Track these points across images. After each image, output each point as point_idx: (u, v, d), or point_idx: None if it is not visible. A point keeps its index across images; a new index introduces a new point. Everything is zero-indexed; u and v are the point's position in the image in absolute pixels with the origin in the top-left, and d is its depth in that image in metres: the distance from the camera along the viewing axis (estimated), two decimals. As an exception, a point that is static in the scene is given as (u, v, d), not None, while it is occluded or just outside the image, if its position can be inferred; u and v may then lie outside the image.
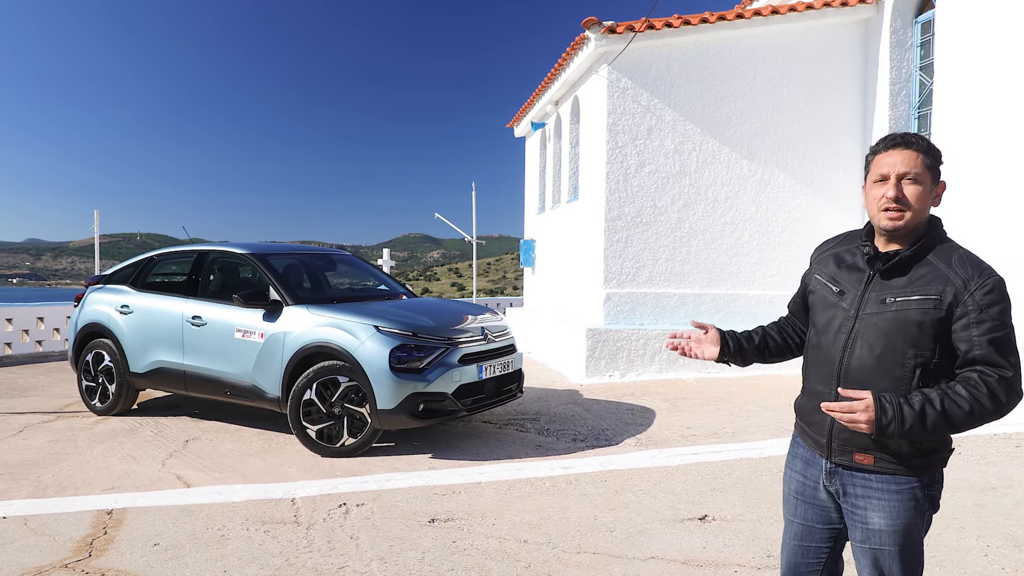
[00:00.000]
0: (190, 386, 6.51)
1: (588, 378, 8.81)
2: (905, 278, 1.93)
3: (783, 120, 9.45)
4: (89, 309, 7.25)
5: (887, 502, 1.94)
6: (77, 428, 6.61)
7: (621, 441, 6.08)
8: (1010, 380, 1.81)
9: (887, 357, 1.90)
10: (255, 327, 6.04)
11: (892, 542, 1.95)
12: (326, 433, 5.65)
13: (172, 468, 5.36)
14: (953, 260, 1.90)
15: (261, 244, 7.02)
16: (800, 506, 2.19)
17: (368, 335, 5.53)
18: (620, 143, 9.12)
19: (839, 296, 2.05)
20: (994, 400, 1.79)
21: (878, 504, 1.95)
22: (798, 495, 2.19)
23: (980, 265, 1.89)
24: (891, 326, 1.90)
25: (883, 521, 1.95)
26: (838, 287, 2.07)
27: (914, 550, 1.98)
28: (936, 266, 1.90)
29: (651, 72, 9.14)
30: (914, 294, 1.89)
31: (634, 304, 9.18)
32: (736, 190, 9.39)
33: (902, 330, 1.88)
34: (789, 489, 2.24)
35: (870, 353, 1.93)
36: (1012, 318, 1.85)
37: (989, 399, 1.79)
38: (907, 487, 1.94)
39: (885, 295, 1.93)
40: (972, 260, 1.91)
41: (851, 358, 1.97)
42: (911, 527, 1.95)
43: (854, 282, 2.03)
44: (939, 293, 1.85)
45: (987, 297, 1.82)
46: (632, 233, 9.20)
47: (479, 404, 5.84)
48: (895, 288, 1.93)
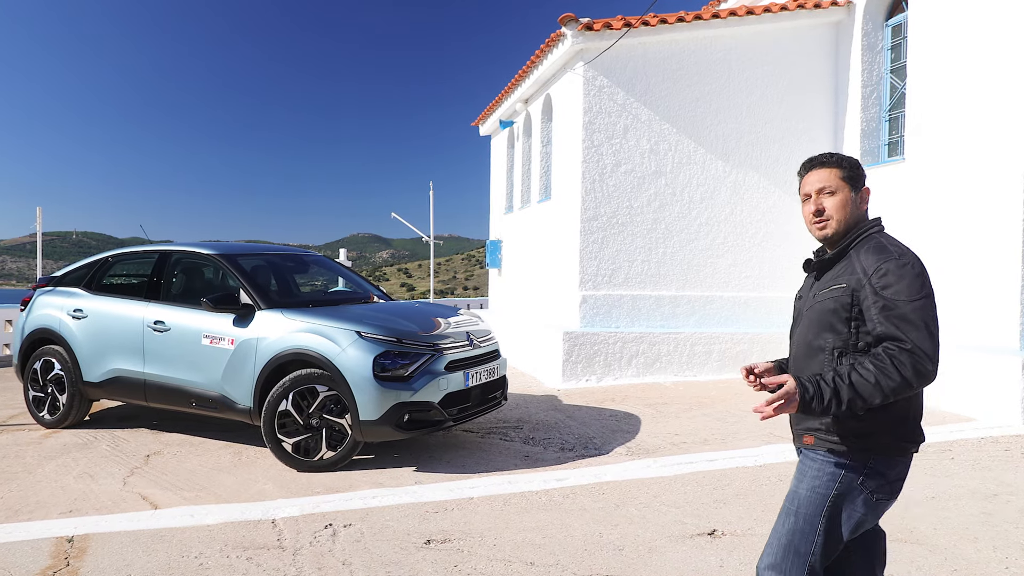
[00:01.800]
0: (151, 396, 6.08)
1: (565, 382, 8.61)
2: (828, 275, 2.23)
3: (757, 121, 9.42)
4: (38, 313, 6.73)
5: (806, 469, 2.20)
6: (24, 443, 6.11)
7: (611, 450, 5.89)
8: (911, 351, 1.96)
9: (814, 343, 2.19)
10: (224, 333, 5.65)
11: (791, 501, 2.20)
12: (303, 446, 5.31)
13: (135, 487, 4.95)
14: (862, 251, 2.14)
15: (228, 244, 6.61)
16: None
17: (349, 341, 5.22)
18: (596, 142, 8.95)
19: (799, 300, 2.39)
20: (898, 372, 1.95)
21: (806, 473, 2.20)
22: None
23: (883, 251, 2.10)
24: (816, 316, 2.20)
25: (803, 487, 2.19)
26: (799, 294, 2.41)
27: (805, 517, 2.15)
28: (851, 260, 2.16)
29: (627, 71, 8.99)
30: (830, 286, 2.17)
31: (610, 306, 9.02)
32: (711, 191, 9.32)
33: (821, 318, 2.17)
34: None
35: (804, 341, 2.25)
36: (920, 295, 2.01)
37: (894, 370, 1.95)
38: (822, 462, 2.16)
39: (816, 291, 2.24)
40: (877, 247, 2.12)
41: (795, 348, 2.32)
42: (808, 497, 2.15)
43: (807, 286, 2.36)
44: (847, 282, 2.12)
45: (882, 280, 2.03)
46: (608, 234, 9.04)
47: (465, 413, 5.57)
48: (823, 284, 2.23)
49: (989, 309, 7.15)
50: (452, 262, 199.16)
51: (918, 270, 2.05)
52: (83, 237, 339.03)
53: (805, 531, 2.15)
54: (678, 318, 9.20)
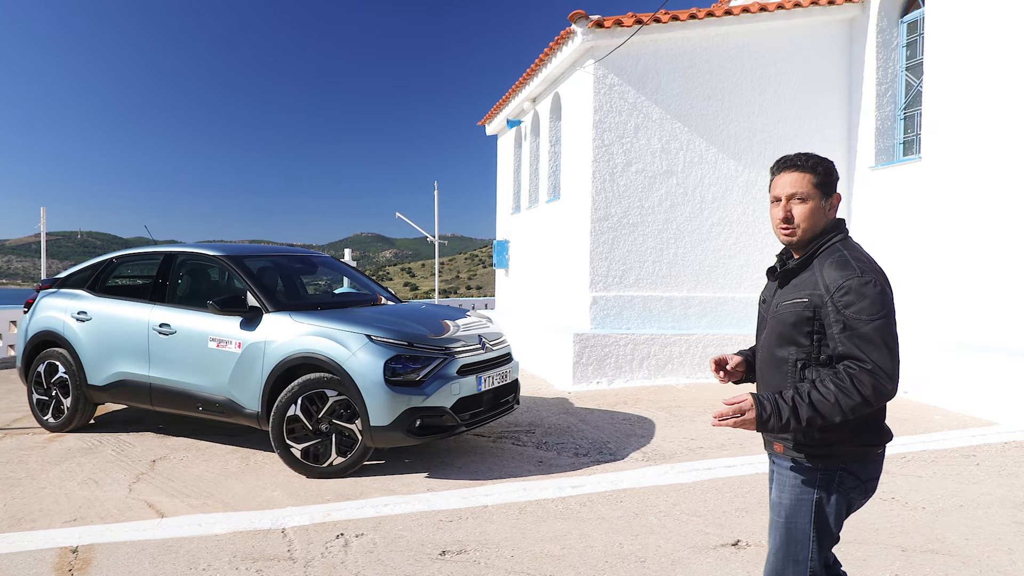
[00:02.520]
0: (157, 400, 5.96)
1: (575, 385, 8.49)
2: (791, 284, 2.20)
3: (769, 119, 9.28)
4: (41, 315, 6.62)
5: (784, 479, 2.22)
6: (28, 447, 6.00)
7: (626, 455, 5.76)
8: (871, 371, 1.96)
9: (776, 354, 2.19)
10: (231, 336, 5.53)
11: (778, 513, 2.22)
12: (312, 452, 5.19)
13: (141, 494, 4.84)
14: (826, 264, 2.11)
15: (235, 245, 6.50)
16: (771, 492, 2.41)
17: (360, 345, 5.09)
18: (606, 141, 8.82)
19: (763, 304, 2.37)
20: (858, 391, 1.96)
21: (779, 481, 2.24)
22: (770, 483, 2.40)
23: (845, 266, 2.07)
24: (777, 327, 2.18)
25: (775, 494, 2.25)
26: (764, 296, 2.38)
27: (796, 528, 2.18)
28: (813, 272, 2.13)
29: (638, 68, 8.86)
30: (791, 298, 2.15)
31: (621, 308, 8.89)
32: (723, 190, 9.18)
33: (783, 330, 2.16)
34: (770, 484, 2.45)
35: (768, 351, 2.24)
36: (880, 315, 1.99)
37: (854, 390, 1.96)
38: (800, 469, 2.17)
39: (779, 300, 2.21)
40: (841, 261, 2.09)
41: (762, 355, 2.30)
42: (795, 505, 2.17)
43: (771, 291, 2.32)
44: (808, 296, 2.10)
45: (844, 298, 2.01)
46: (619, 234, 8.91)
47: (478, 418, 5.45)
48: (785, 293, 2.20)
49: (1010, 310, 7.01)
50: (455, 262, 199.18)
51: (879, 288, 2.03)
52: (88, 237, 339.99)
53: (798, 539, 2.18)
54: (690, 319, 9.06)
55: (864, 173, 9.19)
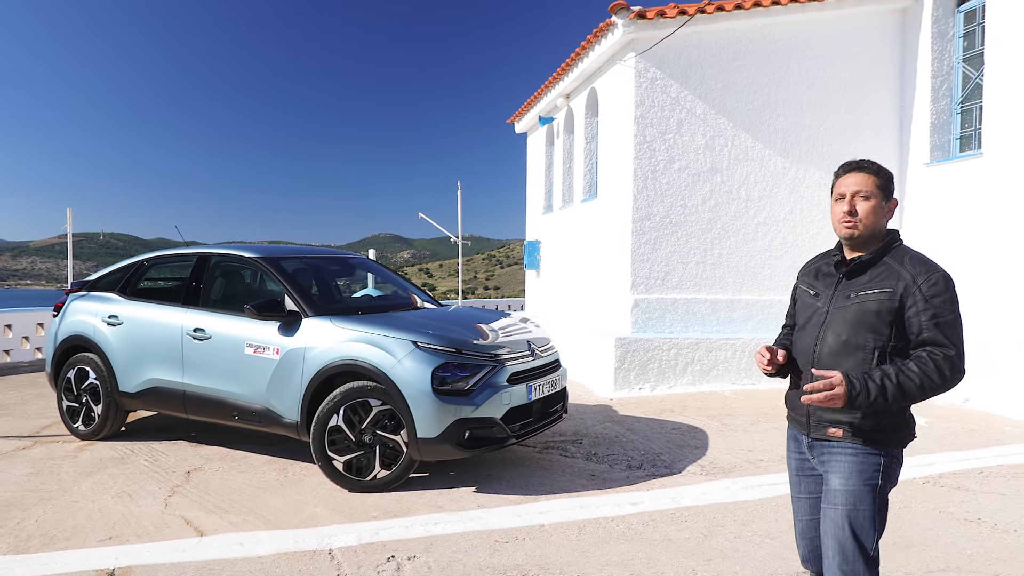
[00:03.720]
0: (191, 408, 5.73)
1: (617, 391, 8.17)
2: (865, 276, 2.32)
3: (818, 115, 8.90)
4: (71, 320, 6.42)
5: (844, 465, 2.27)
6: (59, 456, 5.80)
7: (683, 468, 5.44)
8: (952, 358, 2.15)
9: (851, 342, 2.27)
10: (269, 342, 5.29)
11: (844, 501, 2.25)
12: (355, 464, 4.92)
13: (177, 508, 4.60)
14: (905, 260, 2.27)
15: (271, 247, 6.26)
16: (803, 481, 2.52)
17: (405, 352, 4.82)
18: (648, 137, 8.50)
19: (815, 298, 2.45)
20: (940, 374, 2.13)
21: (837, 467, 2.29)
22: (799, 472, 2.52)
23: (927, 263, 2.26)
24: (854, 316, 2.27)
25: (839, 482, 2.27)
26: (815, 291, 2.47)
27: (863, 513, 2.25)
28: (891, 266, 2.28)
29: (681, 62, 8.53)
30: (872, 288, 2.26)
31: (663, 311, 8.56)
32: (770, 188, 8.82)
33: (862, 319, 2.25)
34: (791, 469, 2.57)
35: (837, 340, 2.30)
36: (957, 307, 2.19)
37: (936, 373, 2.13)
38: (863, 455, 2.26)
39: (849, 291, 2.32)
40: (920, 259, 2.28)
41: (823, 345, 2.34)
42: (861, 491, 2.24)
43: (827, 285, 2.42)
44: (892, 287, 2.22)
45: (932, 288, 2.17)
46: (661, 234, 8.58)
47: (528, 429, 5.16)
48: (857, 285, 2.31)
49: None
50: (473, 262, 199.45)
51: (954, 286, 2.22)
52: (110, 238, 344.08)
53: (865, 527, 2.24)
54: (735, 323, 8.71)
55: (918, 170, 8.79)
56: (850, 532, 2.24)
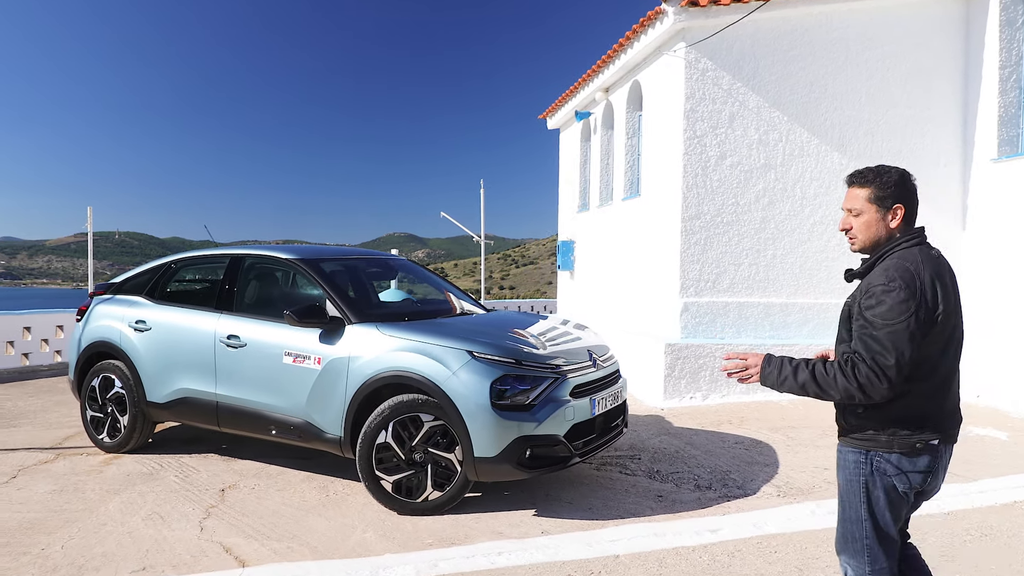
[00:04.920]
0: (224, 421, 5.36)
1: (667, 400, 7.72)
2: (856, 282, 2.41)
3: (876, 108, 8.41)
4: (96, 325, 6.06)
5: (842, 462, 2.36)
6: (83, 471, 5.44)
7: (757, 489, 5.00)
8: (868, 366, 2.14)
9: (837, 346, 2.39)
10: (309, 350, 4.89)
11: (845, 492, 2.35)
12: (404, 485, 4.52)
13: (215, 533, 4.21)
14: (876, 269, 2.27)
15: (308, 248, 5.88)
16: None
17: (461, 363, 4.41)
18: (699, 132, 8.05)
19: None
20: (854, 376, 2.16)
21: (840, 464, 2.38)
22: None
23: (886, 272, 2.21)
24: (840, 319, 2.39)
25: (840, 477, 2.37)
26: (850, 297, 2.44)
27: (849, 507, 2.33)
28: (869, 276, 2.28)
29: (734, 52, 8.07)
30: (849, 297, 2.35)
31: (714, 315, 8.11)
32: (826, 186, 8.34)
33: (841, 323, 2.38)
34: None
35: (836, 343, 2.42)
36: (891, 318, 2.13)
37: (852, 375, 2.17)
38: (845, 452, 2.34)
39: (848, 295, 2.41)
40: (882, 270, 2.24)
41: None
42: (846, 487, 2.34)
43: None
44: (852, 297, 2.32)
45: (867, 300, 2.21)
46: (712, 234, 8.13)
47: (591, 446, 4.73)
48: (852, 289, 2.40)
49: None
50: (488, 261, 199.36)
51: (904, 295, 2.14)
52: (125, 237, 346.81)
53: (852, 518, 2.31)
54: (789, 328, 8.24)
55: (984, 166, 8.28)
56: (842, 520, 2.36)
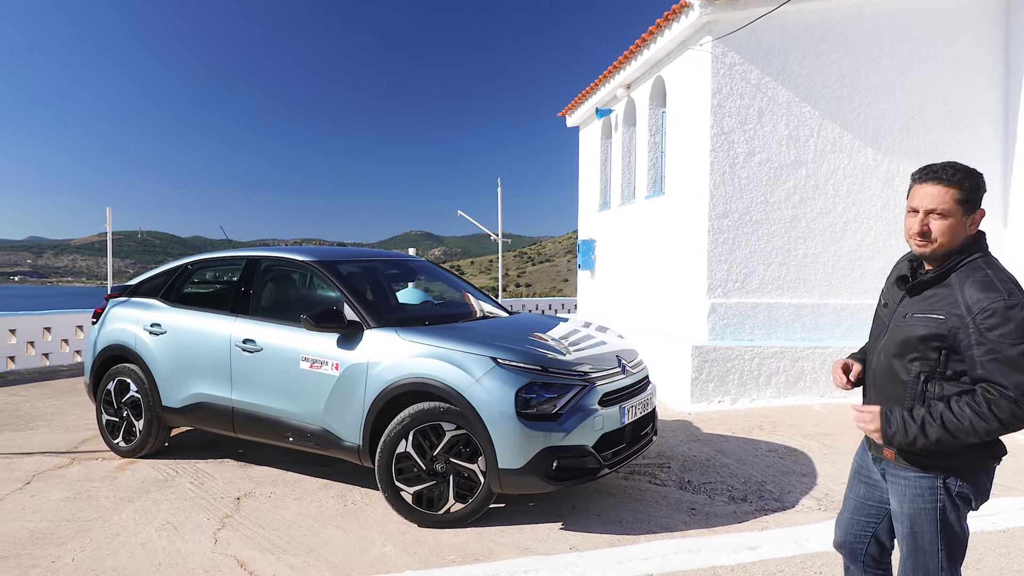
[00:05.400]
0: (240, 427, 5.21)
1: (694, 404, 7.49)
2: (924, 296, 2.14)
3: (912, 102, 8.12)
4: (111, 328, 5.94)
5: (899, 488, 2.20)
6: (98, 477, 5.31)
7: (795, 502, 4.76)
8: (1013, 398, 1.93)
9: (896, 365, 2.16)
10: (327, 356, 4.73)
11: (904, 524, 2.20)
12: (425, 496, 4.34)
13: (229, 546, 4.05)
14: (967, 284, 2.04)
15: (325, 249, 5.72)
16: (856, 483, 2.43)
17: (484, 370, 4.22)
18: (726, 128, 7.80)
19: (884, 308, 2.32)
20: (995, 416, 1.95)
21: (895, 489, 2.22)
22: (857, 473, 2.44)
23: (989, 287, 2.00)
24: (903, 339, 2.14)
25: (896, 505, 2.23)
26: (885, 299, 2.33)
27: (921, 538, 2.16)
28: (952, 288, 2.07)
29: (762, 46, 7.81)
30: (926, 312, 2.09)
31: (743, 316, 7.86)
32: (859, 183, 8.06)
33: (909, 343, 2.11)
34: (852, 466, 2.48)
35: (886, 360, 2.20)
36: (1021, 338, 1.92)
37: (991, 415, 1.95)
38: (915, 478, 2.15)
39: (908, 310, 2.17)
40: (984, 283, 2.02)
41: (877, 363, 2.26)
42: (917, 515, 2.15)
43: (895, 297, 2.26)
44: (946, 315, 2.04)
45: (987, 321, 1.96)
46: (740, 233, 7.88)
47: (620, 457, 4.52)
48: (915, 304, 2.15)
49: None
50: (504, 259, 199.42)
51: (1019, 314, 1.96)
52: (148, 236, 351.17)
53: (926, 549, 2.15)
54: (822, 329, 7.97)
55: (1025, 161, 7.97)
56: (914, 552, 2.19)
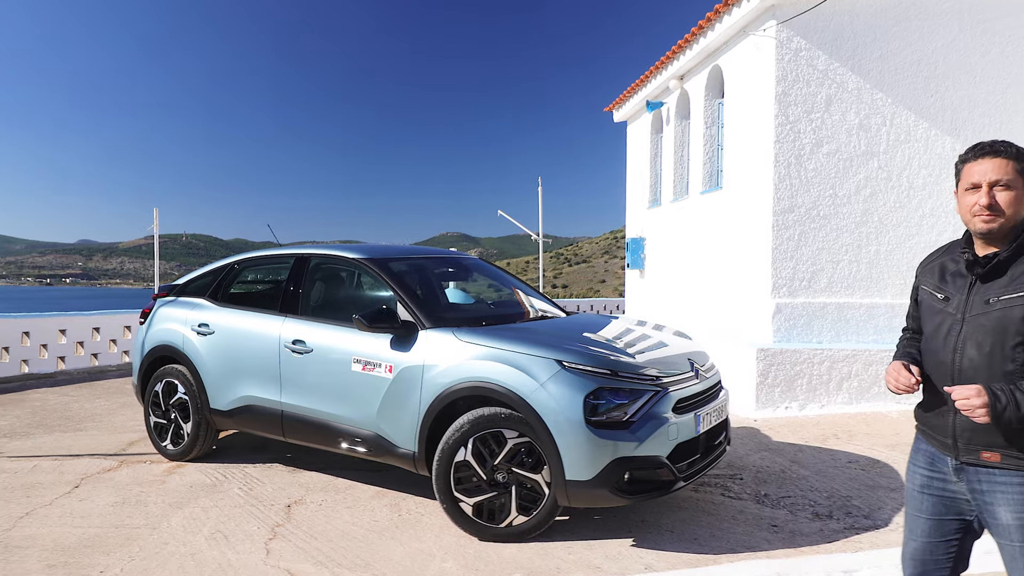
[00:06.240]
0: (289, 431, 5.01)
1: (759, 410, 7.09)
2: (1006, 277, 2.02)
3: (995, 86, 7.60)
4: (159, 328, 5.80)
5: (1014, 497, 1.96)
6: (146, 481, 5.16)
7: (889, 520, 4.36)
8: None
9: (996, 354, 1.97)
10: (380, 357, 4.48)
11: (1020, 538, 1.95)
12: (486, 508, 4.06)
13: (281, 557, 3.83)
14: None
15: (376, 247, 5.48)
16: (928, 500, 2.20)
17: (549, 373, 3.92)
18: (792, 117, 7.38)
19: (944, 302, 2.15)
20: None
21: (1003, 499, 1.98)
22: (924, 488, 2.21)
23: None
24: (997, 324, 1.97)
25: (1010, 516, 1.97)
26: (943, 294, 2.17)
27: None
28: None
29: (830, 30, 7.38)
30: (1017, 291, 1.96)
31: (810, 317, 7.43)
32: (937, 174, 7.57)
33: (1008, 327, 1.95)
34: (914, 485, 2.25)
35: (979, 352, 2.00)
36: None
37: None
38: None
39: (988, 296, 2.02)
40: None
41: (962, 359, 2.04)
42: None
43: (958, 288, 2.12)
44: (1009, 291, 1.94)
45: None
46: (807, 229, 7.45)
47: (695, 469, 4.18)
48: (997, 288, 2.02)
49: None
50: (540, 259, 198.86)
51: None
52: (192, 239, 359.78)
53: None
54: (896, 332, 7.49)
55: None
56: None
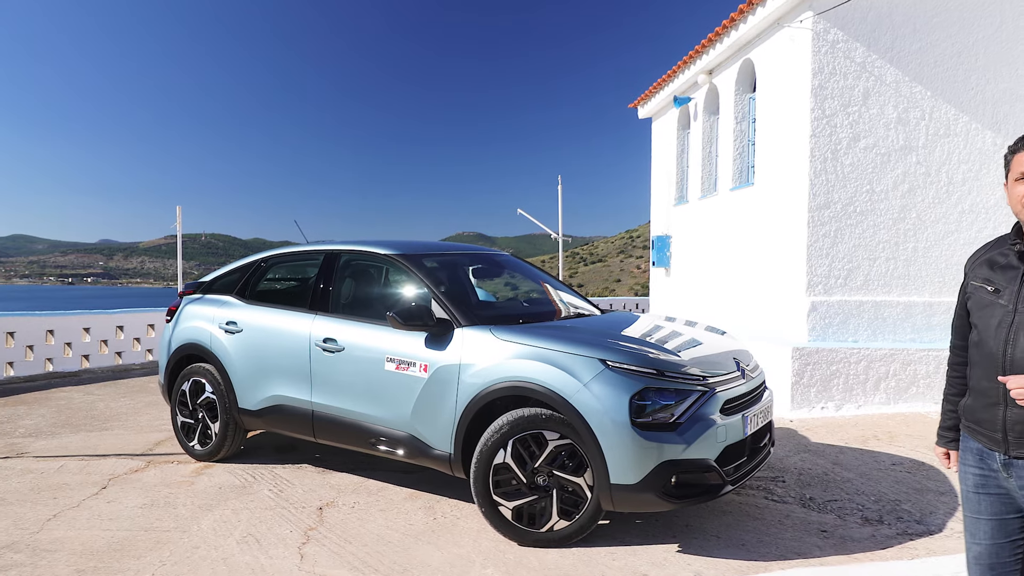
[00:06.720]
0: (320, 431, 4.90)
1: (795, 410, 6.92)
2: None
3: (1037, 79, 7.38)
4: (186, 326, 5.72)
5: None
6: (174, 482, 5.07)
7: (943, 525, 4.20)
8: None
9: None
10: (414, 356, 4.37)
11: None
12: (526, 512, 3.93)
13: (316, 563, 3.72)
14: None
15: (408, 242, 5.36)
16: (985, 500, 2.13)
17: (592, 374, 3.79)
18: (828, 111, 7.20)
19: (995, 295, 2.08)
20: None
21: None
22: (980, 489, 2.15)
23: None
24: None
25: None
26: (993, 287, 2.10)
27: None
28: None
29: (868, 21, 7.19)
30: None
31: (846, 316, 7.25)
32: (977, 169, 7.36)
33: None
34: (968, 486, 2.20)
35: None
36: None
37: None
38: None
39: None
40: None
41: (1014, 351, 1.98)
42: None
43: (1009, 279, 2.06)
44: None
45: None
46: (843, 225, 7.27)
47: (742, 472, 4.04)
48: None
49: None
50: (554, 258, 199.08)
51: None
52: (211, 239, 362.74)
53: None
54: (934, 330, 7.30)
55: None
56: None
